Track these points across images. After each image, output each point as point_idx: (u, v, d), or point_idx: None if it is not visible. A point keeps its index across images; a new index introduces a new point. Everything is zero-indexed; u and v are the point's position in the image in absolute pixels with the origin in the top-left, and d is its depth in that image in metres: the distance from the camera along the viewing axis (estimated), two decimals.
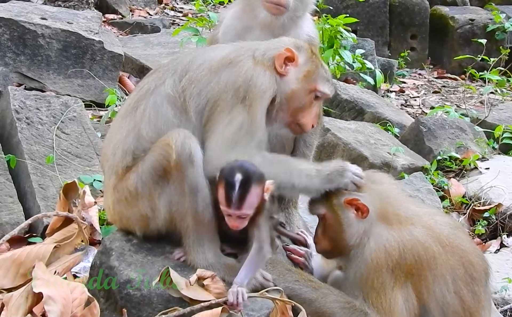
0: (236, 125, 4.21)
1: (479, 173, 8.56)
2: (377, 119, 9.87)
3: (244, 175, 3.96)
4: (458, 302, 4.16)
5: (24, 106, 7.07)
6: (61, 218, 4.58)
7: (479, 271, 4.28)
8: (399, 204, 4.30)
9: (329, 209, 4.29)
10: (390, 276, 4.06)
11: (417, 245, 4.12)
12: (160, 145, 4.17)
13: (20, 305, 3.85)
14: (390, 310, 4.03)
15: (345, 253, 4.26)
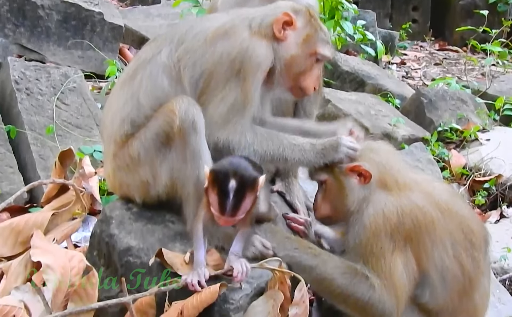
0: (229, 102, 4.20)
1: (479, 144, 8.58)
2: (378, 90, 9.87)
3: (238, 183, 3.81)
4: (458, 267, 4.17)
5: (23, 76, 7.06)
6: (57, 186, 4.57)
7: (478, 237, 4.28)
8: (398, 171, 4.30)
9: (331, 175, 4.29)
10: (389, 241, 4.06)
11: (416, 210, 4.12)
12: (163, 111, 4.17)
13: (19, 273, 3.86)
14: (390, 275, 4.03)
15: (344, 219, 4.27)
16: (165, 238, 4.16)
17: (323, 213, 4.38)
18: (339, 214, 4.31)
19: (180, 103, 4.11)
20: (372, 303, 4.03)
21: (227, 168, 3.85)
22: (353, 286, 4.04)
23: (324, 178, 4.33)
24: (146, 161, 4.22)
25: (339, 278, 4.06)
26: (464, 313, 4.24)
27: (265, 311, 3.86)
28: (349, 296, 4.05)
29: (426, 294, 4.16)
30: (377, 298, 4.02)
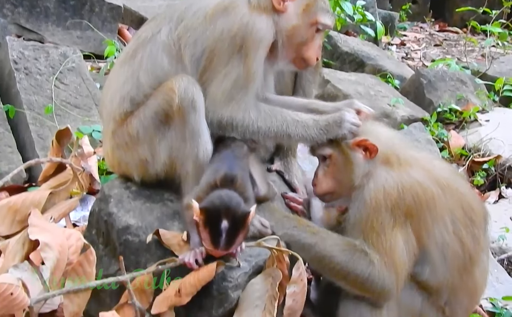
0: (232, 79, 4.19)
1: (479, 125, 8.59)
2: (377, 71, 9.87)
3: (231, 222, 3.72)
4: (458, 244, 4.17)
5: (22, 56, 7.04)
6: (54, 164, 4.56)
7: (478, 215, 4.29)
8: (399, 148, 4.30)
9: (337, 149, 4.28)
10: (390, 216, 4.05)
11: (416, 186, 4.11)
12: (163, 90, 4.16)
13: (17, 252, 3.85)
14: (390, 251, 4.03)
15: (346, 195, 4.26)
16: (164, 216, 4.16)
17: (325, 189, 4.35)
18: (341, 190, 4.30)
19: (179, 82, 4.10)
20: (371, 279, 4.04)
21: (218, 208, 3.74)
22: (352, 263, 4.04)
23: (329, 152, 4.31)
24: (145, 140, 4.22)
25: (338, 255, 4.06)
26: (464, 290, 4.25)
27: (263, 289, 3.87)
28: (348, 273, 4.06)
29: (426, 271, 4.16)
30: (377, 274, 4.03)
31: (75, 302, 3.73)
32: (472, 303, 4.39)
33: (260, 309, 3.83)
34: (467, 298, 4.29)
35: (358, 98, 8.08)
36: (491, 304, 5.34)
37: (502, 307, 5.32)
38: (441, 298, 4.22)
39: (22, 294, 3.46)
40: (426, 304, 4.23)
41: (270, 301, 3.82)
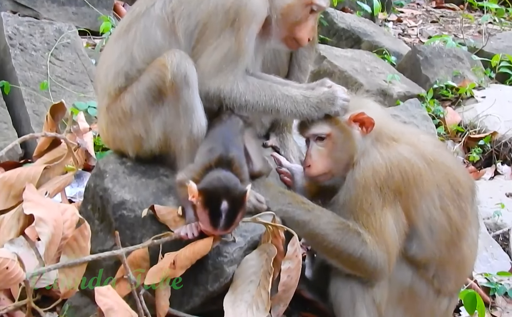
0: (222, 51, 4.17)
1: (475, 101, 8.57)
2: (374, 48, 9.83)
3: (230, 203, 3.72)
4: (445, 218, 4.18)
5: (17, 32, 7.01)
6: (49, 139, 4.55)
7: (465, 188, 4.29)
8: (385, 124, 4.30)
9: (336, 127, 4.25)
10: (379, 196, 4.06)
11: (403, 162, 4.11)
12: (155, 65, 4.15)
13: (12, 227, 3.86)
14: (381, 230, 4.04)
15: (342, 175, 4.25)
16: (159, 192, 4.16)
17: (321, 169, 4.29)
18: (338, 170, 4.27)
19: (172, 57, 4.09)
20: (363, 259, 4.05)
21: (218, 189, 3.75)
22: (345, 242, 4.05)
23: (328, 131, 4.26)
24: (138, 115, 4.21)
25: (331, 234, 4.06)
26: (452, 263, 4.27)
27: (259, 264, 3.88)
28: (341, 252, 4.07)
29: (413, 246, 4.18)
30: (369, 254, 4.04)
31: (70, 277, 3.75)
32: (461, 275, 4.41)
33: (255, 284, 3.84)
34: (455, 271, 4.31)
35: (354, 74, 8.14)
36: (486, 279, 5.37)
37: (496, 283, 5.35)
38: (429, 271, 4.25)
39: (17, 269, 3.47)
40: (415, 278, 4.25)
41: (265, 277, 3.84)
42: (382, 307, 4.19)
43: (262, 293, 3.79)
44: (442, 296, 4.32)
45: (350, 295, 4.16)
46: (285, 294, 3.89)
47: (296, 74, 5.01)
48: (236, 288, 3.84)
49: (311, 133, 4.31)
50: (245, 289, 3.83)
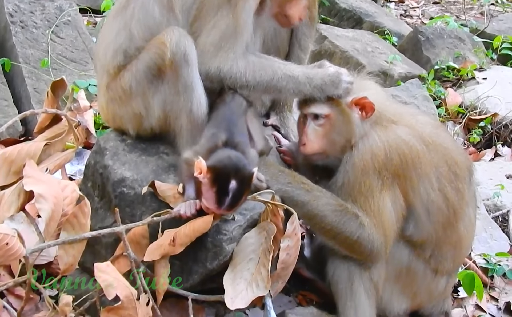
0: (221, 29, 4.16)
1: (476, 83, 8.56)
2: (375, 28, 9.81)
3: (239, 183, 3.71)
4: (442, 199, 4.19)
5: (18, 9, 7.00)
6: (49, 116, 4.54)
7: (462, 168, 4.30)
8: (385, 106, 4.29)
9: (336, 109, 4.24)
10: (377, 179, 4.06)
11: (402, 144, 4.11)
12: (155, 43, 4.14)
13: (12, 203, 3.85)
14: (379, 213, 4.05)
15: (337, 156, 4.25)
16: (159, 169, 4.17)
17: (316, 149, 4.29)
18: (333, 151, 4.27)
19: (171, 35, 4.08)
20: (360, 242, 4.07)
21: (228, 167, 3.73)
22: (343, 224, 4.06)
23: (327, 112, 4.25)
24: (138, 93, 4.21)
25: (330, 215, 4.07)
26: (448, 243, 4.29)
27: (258, 242, 3.89)
28: (339, 233, 4.08)
29: (410, 227, 4.20)
30: (366, 237, 4.05)
31: (70, 253, 3.75)
32: (458, 255, 4.43)
33: (254, 262, 3.85)
34: (452, 251, 4.33)
35: (356, 55, 8.11)
36: (485, 260, 5.38)
37: (495, 263, 5.36)
38: (426, 251, 4.27)
39: (17, 245, 3.46)
40: (412, 257, 4.27)
41: (264, 255, 3.84)
42: (379, 286, 4.21)
43: (262, 271, 3.80)
44: (440, 276, 4.35)
45: (348, 274, 4.18)
46: (283, 271, 3.90)
47: (296, 53, 4.99)
48: (236, 266, 3.84)
49: (310, 111, 4.30)
50: (245, 267, 3.83)
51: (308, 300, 4.65)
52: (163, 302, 3.89)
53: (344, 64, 7.87)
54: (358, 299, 4.18)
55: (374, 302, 4.22)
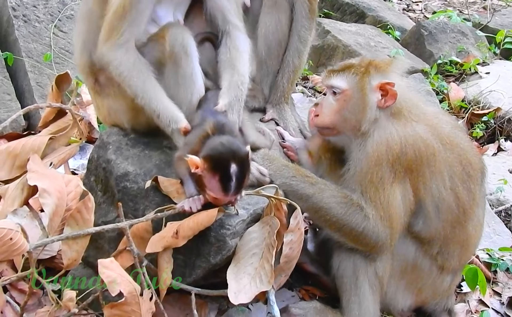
0: (112, 10, 4.14)
1: (479, 77, 8.55)
2: (378, 22, 9.81)
3: (239, 165, 3.70)
4: (453, 198, 4.19)
5: (21, 3, 6.99)
6: (54, 110, 4.54)
7: (476, 169, 4.30)
8: (408, 100, 4.25)
9: (355, 86, 4.19)
10: (390, 171, 4.05)
11: (419, 140, 4.09)
12: (154, 38, 4.15)
13: (16, 197, 3.86)
14: (388, 205, 4.04)
15: (346, 135, 4.24)
16: (162, 163, 4.16)
17: (327, 122, 4.27)
18: (343, 128, 4.24)
19: (169, 29, 4.09)
20: (365, 234, 4.06)
21: (224, 154, 3.71)
22: (348, 216, 4.05)
23: (344, 87, 4.21)
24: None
25: (334, 208, 4.06)
26: (456, 242, 4.28)
27: (261, 237, 3.89)
28: (343, 226, 4.08)
29: (419, 223, 4.19)
30: (371, 229, 4.04)
31: (73, 248, 3.75)
32: (465, 254, 4.42)
33: (258, 257, 3.85)
34: (459, 249, 4.33)
35: (358, 49, 8.10)
36: (488, 255, 5.38)
37: (498, 258, 5.36)
38: (433, 248, 4.26)
39: (21, 240, 3.47)
40: (419, 253, 4.27)
41: (267, 249, 3.84)
42: (384, 281, 4.21)
43: (265, 266, 3.80)
44: (445, 273, 4.34)
45: (353, 268, 4.17)
46: (286, 265, 3.90)
47: (295, 45, 5.00)
48: (239, 260, 3.84)
49: (329, 83, 4.28)
50: (248, 262, 3.84)
51: (311, 295, 4.65)
52: (166, 297, 3.88)
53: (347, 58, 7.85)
54: (363, 293, 4.18)
55: (378, 297, 4.22)
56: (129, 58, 4.11)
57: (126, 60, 4.10)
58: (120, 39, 4.11)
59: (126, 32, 4.12)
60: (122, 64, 4.09)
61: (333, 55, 8.19)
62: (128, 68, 4.09)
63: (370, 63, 4.23)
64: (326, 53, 8.27)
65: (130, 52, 4.12)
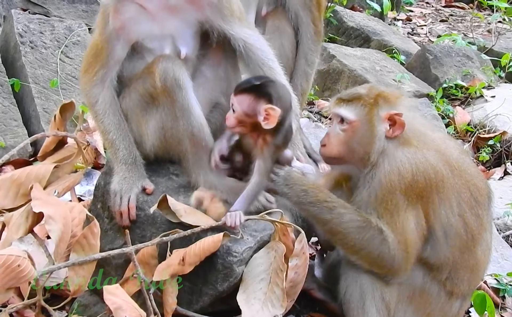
0: (90, 44, 4.27)
1: (484, 101, 8.55)
2: (383, 47, 9.82)
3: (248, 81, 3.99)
4: (461, 224, 4.17)
5: (27, 30, 7.03)
6: (55, 140, 4.56)
7: (483, 194, 4.29)
8: (416, 126, 4.23)
9: (364, 118, 4.15)
10: (403, 198, 4.03)
11: (429, 168, 4.07)
12: (144, 72, 4.17)
13: (20, 225, 3.86)
14: (403, 231, 4.02)
15: (355, 165, 4.21)
16: (169, 190, 4.16)
17: (335, 153, 4.22)
18: (351, 159, 4.20)
19: (159, 63, 4.10)
20: (383, 257, 4.04)
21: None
22: (366, 241, 4.03)
23: (353, 119, 4.16)
24: (132, 121, 4.27)
25: (353, 232, 4.03)
26: (465, 267, 4.25)
27: (267, 262, 3.89)
28: (361, 249, 4.06)
29: (427, 249, 4.17)
30: (388, 252, 4.03)
31: (80, 275, 3.76)
32: (474, 279, 4.40)
33: (266, 282, 3.86)
34: (469, 274, 4.30)
35: (364, 74, 8.12)
36: (496, 280, 5.35)
37: (506, 283, 5.33)
38: (442, 273, 4.23)
39: (29, 266, 3.48)
40: (427, 279, 4.24)
41: (276, 273, 3.85)
42: (391, 306, 4.18)
43: (276, 290, 3.80)
44: (454, 298, 4.31)
45: (360, 293, 4.15)
46: (292, 290, 3.91)
47: (302, 67, 5.03)
48: (247, 286, 3.84)
49: (337, 112, 4.22)
50: (257, 287, 3.84)
51: None
52: None
53: (352, 83, 7.90)
54: None
55: None
56: (104, 97, 4.20)
57: (101, 99, 4.19)
58: (95, 77, 4.20)
59: (101, 71, 4.19)
60: (98, 103, 4.20)
61: (339, 80, 8.21)
62: (103, 108, 4.19)
63: (379, 95, 4.22)
64: (332, 78, 8.29)
65: (105, 91, 4.21)
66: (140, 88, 4.16)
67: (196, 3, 4.21)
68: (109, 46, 4.16)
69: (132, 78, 4.24)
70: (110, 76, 4.20)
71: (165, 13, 4.18)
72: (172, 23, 4.21)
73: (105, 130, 4.19)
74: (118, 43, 4.18)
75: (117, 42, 4.17)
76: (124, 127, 4.21)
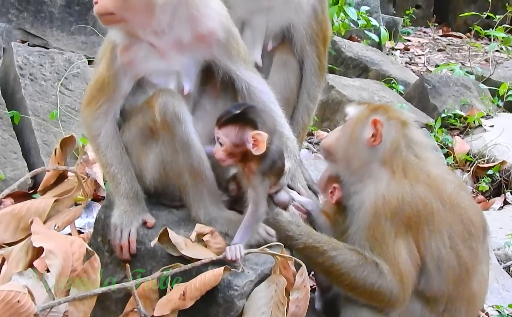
0: (94, 78, 4.27)
1: (483, 130, 8.58)
2: (381, 76, 9.87)
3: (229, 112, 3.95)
4: (454, 257, 4.16)
5: (27, 62, 7.05)
6: (55, 174, 4.56)
7: (477, 227, 4.28)
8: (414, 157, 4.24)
9: (359, 116, 4.27)
10: (390, 225, 4.03)
11: (417, 199, 4.08)
12: (144, 107, 4.18)
13: (20, 259, 3.84)
14: (396, 261, 4.02)
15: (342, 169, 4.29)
16: (169, 224, 4.16)
17: (328, 143, 4.36)
18: (339, 158, 4.31)
19: (158, 97, 4.11)
20: (380, 291, 4.04)
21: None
22: (362, 278, 4.03)
23: (351, 114, 4.30)
24: (132, 155, 4.27)
25: (348, 272, 4.04)
26: (462, 299, 4.24)
27: (268, 295, 3.87)
28: (358, 286, 4.06)
29: (421, 281, 4.16)
30: (385, 285, 4.02)
31: (80, 309, 3.73)
32: (472, 310, 4.38)
33: (267, 315, 3.84)
34: (466, 306, 4.28)
35: None
36: (497, 312, 5.33)
37: (508, 315, 5.31)
38: (439, 306, 4.22)
39: (29, 302, 3.46)
40: (425, 311, 4.22)
41: (277, 307, 3.83)
42: None
43: None
44: None
45: None
46: None
47: (305, 102, 5.03)
48: None
49: (346, 109, 4.39)
50: None
51: None
52: None
53: None
54: None
55: None
56: (107, 130, 4.21)
57: (104, 132, 4.21)
58: (98, 110, 4.21)
59: (105, 105, 4.20)
60: (100, 136, 4.21)
61: (338, 110, 8.22)
62: (105, 141, 4.21)
63: (385, 106, 4.29)
64: (331, 108, 8.31)
65: (107, 125, 4.22)
66: (140, 121, 4.17)
67: (205, 42, 4.23)
68: (116, 81, 4.17)
69: (132, 111, 4.24)
70: (114, 110, 4.21)
71: (174, 51, 4.20)
72: (179, 60, 4.23)
73: (107, 164, 4.20)
74: (125, 78, 4.19)
75: (124, 77, 4.19)
76: (125, 161, 4.21)
